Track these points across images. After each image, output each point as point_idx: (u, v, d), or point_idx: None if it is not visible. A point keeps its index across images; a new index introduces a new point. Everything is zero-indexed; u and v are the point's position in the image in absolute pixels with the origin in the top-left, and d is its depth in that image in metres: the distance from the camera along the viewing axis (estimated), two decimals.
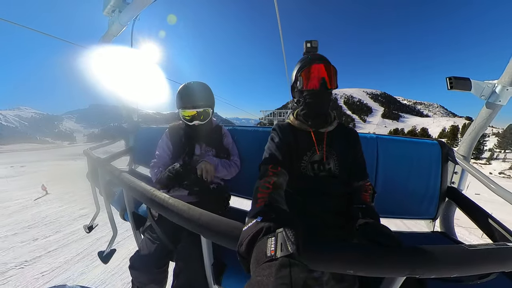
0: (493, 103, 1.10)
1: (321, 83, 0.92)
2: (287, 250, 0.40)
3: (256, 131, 1.59)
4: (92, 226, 1.83)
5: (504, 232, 0.95)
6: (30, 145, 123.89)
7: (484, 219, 1.07)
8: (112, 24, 1.48)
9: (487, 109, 1.13)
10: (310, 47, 1.05)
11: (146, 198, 0.84)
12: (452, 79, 1.16)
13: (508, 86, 1.03)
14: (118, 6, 1.40)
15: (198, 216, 0.66)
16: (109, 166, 1.27)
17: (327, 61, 0.96)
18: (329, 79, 0.94)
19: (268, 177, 0.79)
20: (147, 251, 1.09)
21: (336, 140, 0.99)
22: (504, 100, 1.06)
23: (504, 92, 1.05)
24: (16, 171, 10.38)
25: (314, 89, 0.94)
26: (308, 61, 0.97)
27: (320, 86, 0.93)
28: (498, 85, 1.07)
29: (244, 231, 0.50)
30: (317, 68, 0.94)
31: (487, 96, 1.12)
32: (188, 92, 1.29)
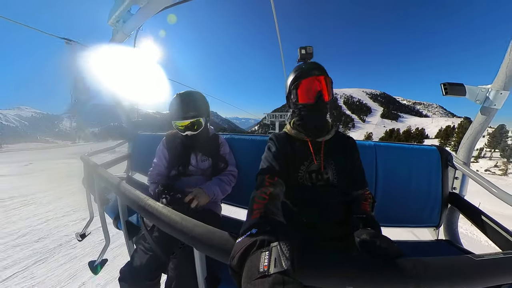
0: (488, 107, 1.11)
1: (317, 96, 0.90)
2: (281, 266, 0.38)
3: (253, 140, 1.59)
4: (85, 234, 1.76)
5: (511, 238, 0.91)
6: (34, 144, 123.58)
7: (490, 226, 1.03)
8: (116, 33, 1.54)
9: (483, 112, 1.14)
10: (305, 53, 1.03)
11: (139, 206, 0.82)
12: (446, 85, 1.18)
13: (501, 90, 1.05)
14: (123, 17, 1.47)
15: (191, 228, 0.63)
16: (104, 172, 1.25)
17: (322, 72, 0.94)
18: (325, 92, 0.92)
19: (264, 187, 0.78)
20: (138, 262, 1.04)
21: (333, 149, 0.98)
22: (499, 104, 1.08)
23: (498, 96, 1.06)
24: (31, 168, 10.47)
25: (309, 103, 0.93)
26: (302, 73, 0.94)
27: (316, 100, 0.91)
28: (491, 89, 1.09)
29: (237, 243, 0.48)
30: (311, 82, 0.92)
31: (482, 101, 1.13)
32: (179, 102, 1.28)
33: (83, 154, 1.64)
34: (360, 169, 1.02)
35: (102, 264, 1.54)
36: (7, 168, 10.29)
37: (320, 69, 0.95)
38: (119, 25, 1.51)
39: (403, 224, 1.39)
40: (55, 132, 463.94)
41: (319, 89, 0.91)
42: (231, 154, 1.49)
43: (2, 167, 10.47)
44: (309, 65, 0.97)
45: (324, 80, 0.93)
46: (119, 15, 1.47)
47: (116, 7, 1.42)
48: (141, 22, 1.50)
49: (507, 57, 0.98)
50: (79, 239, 1.72)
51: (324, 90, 0.92)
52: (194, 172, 1.38)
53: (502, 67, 1.01)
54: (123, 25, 1.49)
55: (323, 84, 0.92)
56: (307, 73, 0.93)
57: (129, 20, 1.48)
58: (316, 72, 0.93)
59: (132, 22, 1.48)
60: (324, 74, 0.94)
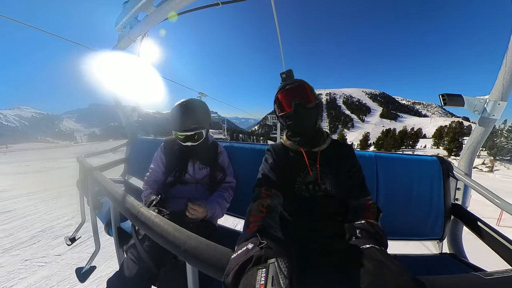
0: (487, 118, 1.12)
1: (295, 103, 0.93)
2: (278, 285, 0.36)
3: (253, 148, 1.59)
4: (75, 238, 1.69)
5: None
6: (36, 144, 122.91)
7: (495, 239, 1.00)
8: (122, 38, 1.58)
9: (482, 123, 1.15)
10: (285, 76, 1.09)
11: (132, 214, 0.78)
12: (445, 96, 1.20)
13: (499, 101, 1.06)
14: (130, 23, 1.52)
15: (184, 240, 0.60)
16: (99, 175, 1.23)
17: (298, 82, 0.99)
18: (304, 97, 0.95)
19: (261, 199, 0.77)
20: (128, 272, 0.99)
21: (330, 159, 0.97)
22: (498, 114, 1.08)
23: (496, 106, 1.07)
24: (45, 166, 10.72)
25: (289, 112, 0.96)
26: (279, 88, 1.01)
27: (295, 106, 0.93)
28: (489, 100, 1.10)
29: (232, 259, 0.46)
30: (287, 92, 0.97)
31: (480, 111, 1.14)
32: (180, 114, 1.26)
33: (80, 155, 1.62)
34: (358, 176, 0.99)
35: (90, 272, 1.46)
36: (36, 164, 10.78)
37: (297, 81, 1.00)
38: (125, 30, 1.56)
39: (405, 237, 1.35)
40: (55, 132, 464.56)
41: (296, 97, 0.94)
42: (230, 164, 1.47)
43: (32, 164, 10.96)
44: (287, 82, 1.02)
45: (301, 88, 0.96)
46: (126, 22, 1.52)
47: (124, 13, 1.47)
48: (146, 28, 1.55)
49: (503, 68, 1.00)
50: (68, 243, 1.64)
51: (303, 96, 0.95)
52: (190, 180, 1.35)
53: (499, 78, 1.03)
54: (130, 31, 1.54)
55: (301, 91, 0.96)
56: (282, 88, 0.99)
57: (136, 26, 1.53)
58: (291, 85, 0.98)
59: (138, 28, 1.53)
60: (299, 84, 0.98)
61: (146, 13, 1.42)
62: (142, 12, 1.44)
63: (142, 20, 1.50)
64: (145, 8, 1.38)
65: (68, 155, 16.07)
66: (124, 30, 1.56)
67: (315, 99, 0.97)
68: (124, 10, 1.47)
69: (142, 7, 1.36)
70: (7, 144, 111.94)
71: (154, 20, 1.45)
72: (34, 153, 19.54)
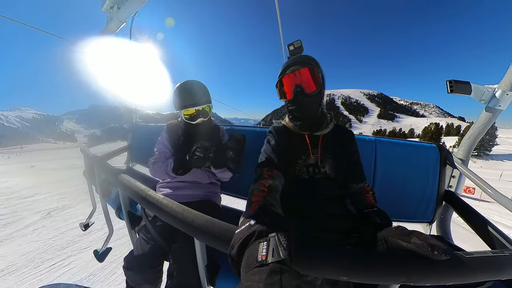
0: (492, 108, 1.10)
1: (296, 91, 0.89)
2: (278, 255, 0.39)
3: (254, 131, 1.58)
4: (88, 224, 1.82)
5: (502, 239, 0.94)
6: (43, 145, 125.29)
7: (481, 225, 1.06)
8: (110, 20, 1.46)
9: (487, 113, 1.13)
10: (293, 49, 1.00)
11: (140, 197, 0.83)
12: (452, 82, 1.15)
13: (508, 91, 1.02)
14: (117, 3, 1.38)
15: (191, 218, 0.65)
16: (105, 164, 1.26)
17: (305, 64, 0.91)
18: (306, 84, 0.89)
19: (263, 179, 0.78)
20: (141, 251, 1.08)
21: (331, 143, 0.98)
22: (504, 105, 1.06)
23: (504, 96, 1.04)
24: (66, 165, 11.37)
25: (290, 99, 0.94)
26: (282, 71, 0.95)
27: (295, 94, 0.90)
28: (498, 89, 1.06)
29: (236, 233, 0.49)
30: (290, 77, 0.91)
31: (487, 101, 1.11)
32: (187, 90, 1.27)
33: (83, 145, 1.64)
34: (358, 162, 1.03)
35: (107, 252, 1.61)
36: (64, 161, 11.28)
37: (303, 62, 0.92)
38: (113, 11, 1.43)
39: (397, 219, 1.43)
40: (56, 133, 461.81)
41: (297, 82, 0.89)
42: None
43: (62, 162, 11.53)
44: (291, 60, 0.95)
45: (303, 72, 0.90)
46: (113, 1, 1.38)
47: None
48: (136, 8, 1.42)
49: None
50: (83, 229, 1.77)
51: (305, 82, 0.89)
52: None
53: (511, 68, 0.98)
54: (118, 11, 1.41)
55: (304, 77, 0.90)
56: (286, 69, 0.94)
57: (124, 5, 1.40)
58: (296, 66, 0.91)
59: (127, 8, 1.40)
60: (308, 65, 0.91)
61: None
62: None
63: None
64: None
65: (77, 155, 16.76)
66: (111, 11, 1.43)
67: (319, 84, 0.92)
68: None
69: None
70: (22, 145, 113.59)
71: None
72: (50, 153, 19.96)
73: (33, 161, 14.61)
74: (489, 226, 1.02)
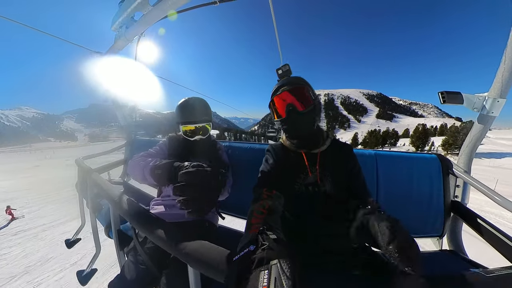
0: (486, 115, 1.12)
1: (289, 109, 0.91)
2: (281, 286, 0.36)
3: (252, 148, 1.58)
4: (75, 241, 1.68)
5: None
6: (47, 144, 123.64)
7: (494, 235, 1.00)
8: (118, 38, 1.56)
9: (481, 120, 1.15)
10: (281, 73, 1.07)
11: (131, 217, 0.78)
12: (444, 94, 1.19)
13: (498, 98, 1.06)
14: (126, 23, 1.49)
15: (185, 242, 0.60)
16: (98, 177, 1.22)
17: (294, 84, 0.95)
18: (298, 102, 0.91)
19: (263, 200, 0.76)
20: (129, 276, 0.99)
21: (330, 160, 0.97)
22: (497, 112, 1.08)
23: (495, 104, 1.07)
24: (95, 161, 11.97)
25: (283, 118, 0.95)
26: (273, 91, 0.99)
27: (288, 112, 0.92)
28: (488, 98, 1.10)
29: (234, 261, 0.46)
30: (280, 98, 0.94)
31: (479, 109, 1.14)
32: (189, 107, 1.30)
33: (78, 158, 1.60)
34: (359, 178, 0.98)
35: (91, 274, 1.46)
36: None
37: (292, 82, 0.96)
38: (122, 30, 1.53)
39: None
40: (56, 132, 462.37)
41: (288, 102, 0.92)
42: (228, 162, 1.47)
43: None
44: (282, 82, 0.99)
45: (293, 91, 0.93)
46: (122, 21, 1.49)
47: (120, 13, 1.45)
48: (143, 28, 1.53)
49: (501, 65, 1.00)
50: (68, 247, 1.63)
51: (295, 101, 0.91)
52: None
53: (498, 75, 1.03)
54: (126, 30, 1.52)
55: (295, 96, 0.92)
56: (276, 91, 0.97)
57: (132, 26, 1.50)
58: (287, 86, 0.94)
59: (135, 28, 1.50)
60: (298, 85, 0.95)
61: (143, 12, 1.39)
62: (139, 11, 1.41)
63: (138, 20, 1.47)
64: (141, 7, 1.36)
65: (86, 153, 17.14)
66: (120, 30, 1.53)
67: (311, 102, 0.93)
68: (120, 10, 1.45)
69: (138, 6, 1.34)
70: (30, 143, 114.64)
71: (150, 20, 1.42)
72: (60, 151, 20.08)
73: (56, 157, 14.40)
74: (503, 236, 0.97)
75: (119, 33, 1.54)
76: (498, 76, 1.02)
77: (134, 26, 1.50)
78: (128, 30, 1.51)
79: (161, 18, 1.42)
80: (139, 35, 1.61)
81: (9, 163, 15.47)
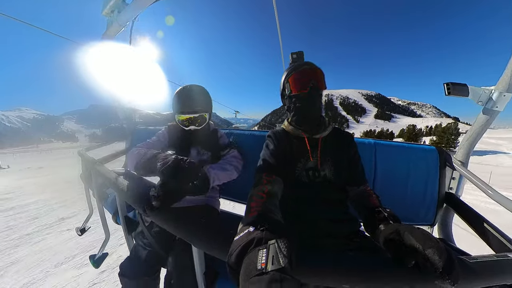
0: (490, 109, 1.10)
1: (310, 86, 0.92)
2: (278, 263, 0.38)
3: (253, 135, 1.58)
4: (85, 229, 1.78)
5: (505, 241, 0.93)
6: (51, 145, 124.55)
7: (483, 227, 1.05)
8: (110, 24, 1.47)
9: (485, 114, 1.13)
10: (296, 57, 1.06)
11: (137, 203, 0.81)
12: (449, 85, 1.16)
13: (505, 92, 1.03)
14: (117, 7, 1.40)
15: (189, 225, 0.64)
16: (102, 168, 1.24)
17: (313, 65, 0.97)
18: (319, 81, 0.95)
19: (262, 185, 0.78)
20: (137, 257, 1.06)
21: (331, 146, 0.98)
22: (501, 106, 1.06)
23: (501, 98, 1.05)
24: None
25: (303, 93, 0.94)
26: (294, 68, 0.98)
27: (309, 89, 0.93)
28: (495, 91, 1.07)
29: (235, 241, 0.48)
30: (303, 72, 0.95)
31: (484, 102, 1.12)
32: (184, 96, 1.26)
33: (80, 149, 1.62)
34: (358, 165, 1.02)
35: (103, 258, 1.57)
36: None
37: (311, 64, 0.98)
38: (113, 15, 1.44)
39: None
40: (57, 133, 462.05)
41: (311, 77, 0.94)
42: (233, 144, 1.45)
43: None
44: (299, 63, 1.00)
45: (317, 71, 0.96)
46: (113, 5, 1.40)
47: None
48: (136, 12, 1.44)
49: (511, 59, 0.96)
50: (79, 234, 1.73)
51: (318, 80, 0.95)
52: None
53: (508, 68, 0.99)
54: (118, 15, 1.43)
55: (317, 75, 0.95)
56: (300, 66, 0.97)
57: (124, 10, 1.41)
58: (308, 66, 0.96)
59: (127, 12, 1.42)
60: (317, 67, 0.97)
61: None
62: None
63: (130, 3, 1.38)
64: None
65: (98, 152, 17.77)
66: (112, 15, 1.44)
67: (325, 87, 0.97)
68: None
69: None
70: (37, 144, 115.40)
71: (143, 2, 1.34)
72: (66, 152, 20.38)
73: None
74: (492, 228, 1.01)
75: (111, 18, 1.46)
76: (508, 70, 0.99)
77: (126, 10, 1.41)
78: (120, 15, 1.42)
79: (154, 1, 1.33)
80: (132, 20, 1.51)
81: (41, 160, 15.99)
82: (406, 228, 0.55)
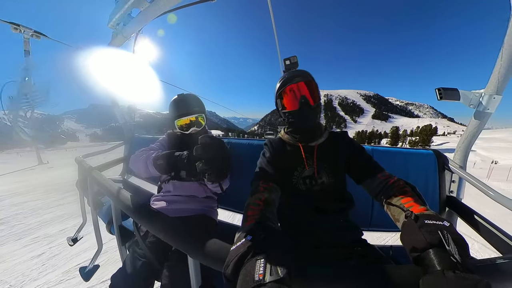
0: (482, 112, 1.13)
1: (302, 102, 0.91)
2: (277, 274, 0.37)
3: (250, 144, 1.59)
4: (77, 238, 1.70)
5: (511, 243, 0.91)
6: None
7: (488, 229, 1.03)
8: (115, 36, 1.54)
9: (477, 117, 1.16)
10: (289, 64, 1.05)
11: (132, 210, 0.80)
12: (441, 90, 1.20)
13: (494, 95, 1.07)
14: (123, 20, 1.48)
15: (185, 234, 0.63)
16: (99, 175, 1.23)
17: (306, 78, 0.94)
18: (310, 96, 0.92)
19: (259, 193, 0.77)
20: (130, 268, 1.01)
21: (327, 152, 0.97)
22: (493, 108, 1.10)
23: (492, 100, 1.09)
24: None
25: (294, 110, 0.94)
26: (285, 82, 0.96)
27: (301, 105, 0.92)
28: (485, 94, 1.11)
29: (231, 250, 0.46)
30: (294, 88, 0.93)
31: (475, 105, 1.15)
32: (180, 101, 1.34)
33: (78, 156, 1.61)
34: (363, 156, 0.95)
35: (94, 271, 1.49)
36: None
37: (304, 75, 0.95)
38: (119, 28, 1.52)
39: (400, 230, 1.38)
40: (58, 133, 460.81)
41: (303, 93, 0.92)
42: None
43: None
44: (292, 73, 0.98)
45: (308, 85, 0.93)
46: (119, 18, 1.48)
47: (117, 10, 1.43)
48: (141, 25, 1.51)
49: (498, 62, 1.01)
50: (71, 244, 1.65)
51: (308, 95, 0.92)
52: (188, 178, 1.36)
53: (494, 72, 1.04)
54: (123, 28, 1.50)
55: (306, 90, 0.93)
56: (289, 81, 0.95)
57: (129, 23, 1.49)
58: (298, 78, 0.94)
59: (132, 25, 1.49)
60: (308, 79, 0.94)
61: (140, 9, 1.38)
62: (136, 8, 1.40)
63: (135, 17, 1.46)
64: (138, 4, 1.34)
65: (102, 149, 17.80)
66: (117, 28, 1.52)
67: (319, 100, 0.96)
68: (117, 6, 1.43)
69: (135, 2, 1.32)
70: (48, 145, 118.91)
71: (148, 16, 1.41)
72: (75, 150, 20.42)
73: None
74: (496, 230, 0.99)
75: (116, 30, 1.53)
76: (495, 73, 1.03)
77: (131, 23, 1.48)
78: (125, 28, 1.49)
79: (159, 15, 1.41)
80: (137, 32, 1.59)
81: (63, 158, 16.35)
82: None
